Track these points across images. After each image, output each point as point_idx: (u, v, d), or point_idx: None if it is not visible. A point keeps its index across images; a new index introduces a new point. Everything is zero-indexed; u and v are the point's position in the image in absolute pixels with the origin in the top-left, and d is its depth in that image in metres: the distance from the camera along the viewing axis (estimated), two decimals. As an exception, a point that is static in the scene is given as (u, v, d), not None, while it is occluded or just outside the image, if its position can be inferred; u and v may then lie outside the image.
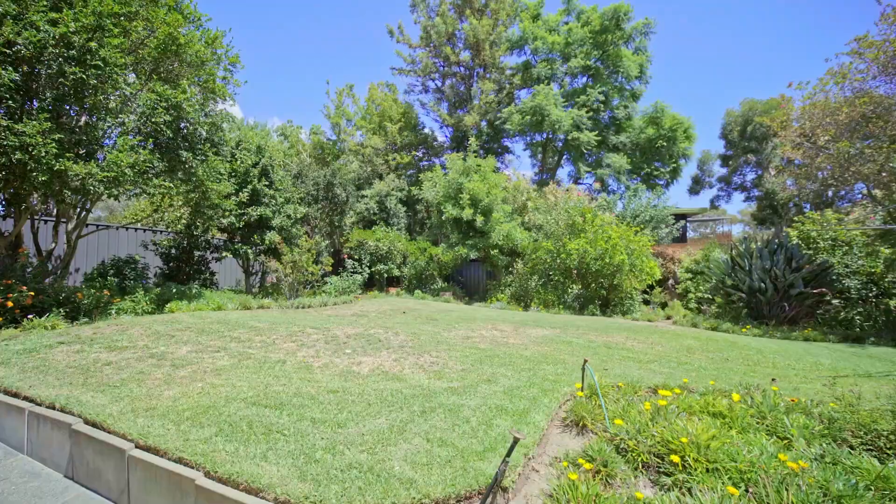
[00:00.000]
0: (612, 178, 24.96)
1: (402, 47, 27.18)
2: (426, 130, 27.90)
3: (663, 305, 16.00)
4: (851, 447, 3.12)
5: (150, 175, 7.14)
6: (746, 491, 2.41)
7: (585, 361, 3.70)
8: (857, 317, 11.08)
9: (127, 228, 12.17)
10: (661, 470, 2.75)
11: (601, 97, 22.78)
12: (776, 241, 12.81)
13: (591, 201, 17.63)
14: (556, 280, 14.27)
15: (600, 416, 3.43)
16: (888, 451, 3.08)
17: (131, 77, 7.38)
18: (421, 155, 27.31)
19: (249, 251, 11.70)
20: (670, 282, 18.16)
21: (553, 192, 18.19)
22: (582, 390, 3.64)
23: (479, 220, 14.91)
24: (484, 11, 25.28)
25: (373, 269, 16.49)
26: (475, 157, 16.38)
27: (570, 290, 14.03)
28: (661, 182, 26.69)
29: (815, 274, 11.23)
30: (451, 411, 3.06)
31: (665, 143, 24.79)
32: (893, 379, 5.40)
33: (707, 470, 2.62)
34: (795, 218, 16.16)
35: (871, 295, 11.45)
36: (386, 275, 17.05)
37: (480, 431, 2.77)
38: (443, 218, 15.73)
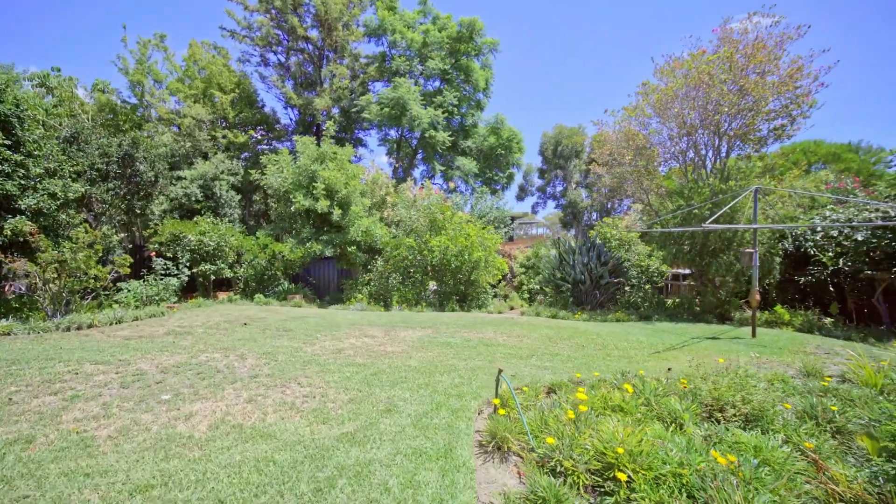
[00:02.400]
0: (461, 180, 26.61)
1: (235, 7, 22.83)
2: (267, 109, 24.20)
3: (505, 297, 17.77)
4: (717, 421, 3.53)
5: None
6: (691, 497, 2.29)
7: (500, 371, 3.25)
8: (639, 299, 14.26)
9: None
10: (603, 490, 2.47)
11: (455, 101, 23.91)
12: (589, 241, 15.59)
13: (445, 200, 18.21)
14: (416, 277, 14.08)
15: (519, 430, 3.02)
16: (734, 420, 3.60)
17: None
18: (260, 136, 23.53)
19: (-29, 246, 7.54)
20: (508, 276, 20.35)
21: (410, 188, 18.06)
22: (502, 407, 3.17)
23: (337, 213, 13.47)
24: (337, -12, 23.38)
25: (195, 271, 13.12)
26: (330, 143, 14.77)
27: (428, 287, 14.04)
28: (498, 187, 29.93)
29: (615, 267, 14.06)
30: (358, 478, 2.11)
31: (503, 152, 27.83)
32: (690, 348, 6.85)
33: (645, 479, 2.45)
34: (597, 222, 20.25)
35: (643, 283, 15.08)
36: (213, 276, 13.82)
37: (409, 502, 1.95)
38: (292, 209, 13.63)
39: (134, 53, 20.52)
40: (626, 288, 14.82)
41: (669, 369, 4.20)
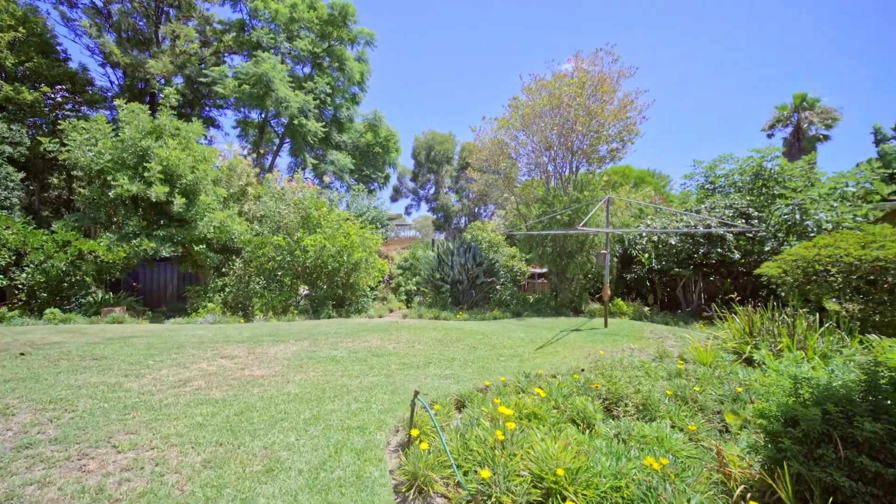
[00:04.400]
0: (335, 175, 24.91)
1: (14, -87, 16.62)
2: (74, 65, 18.31)
3: (383, 300, 17.20)
4: (616, 416, 3.67)
5: None
6: (634, 515, 2.15)
7: (416, 394, 2.70)
8: (508, 297, 15.40)
9: None
10: (546, 524, 2.15)
11: (328, 89, 22.17)
12: (466, 243, 16.19)
13: (319, 195, 16.62)
14: (285, 281, 12.36)
15: (441, 463, 2.53)
16: (629, 412, 3.81)
17: None
18: (61, 98, 17.64)
19: None
20: (386, 277, 19.85)
21: (277, 179, 15.92)
22: (419, 441, 2.62)
23: (179, 202, 10.78)
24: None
25: (-70, 278, 8.86)
26: (171, 116, 11.78)
27: (299, 292, 12.49)
28: (375, 186, 29.13)
29: (489, 267, 14.89)
30: None
31: (380, 150, 27.15)
32: (564, 342, 7.44)
33: (588, 500, 2.23)
34: (468, 226, 21.36)
35: (509, 281, 16.37)
36: (-30, 286, 9.58)
37: None
38: (111, 195, 10.38)
39: None
40: (498, 287, 15.84)
41: (583, 370, 4.28)
